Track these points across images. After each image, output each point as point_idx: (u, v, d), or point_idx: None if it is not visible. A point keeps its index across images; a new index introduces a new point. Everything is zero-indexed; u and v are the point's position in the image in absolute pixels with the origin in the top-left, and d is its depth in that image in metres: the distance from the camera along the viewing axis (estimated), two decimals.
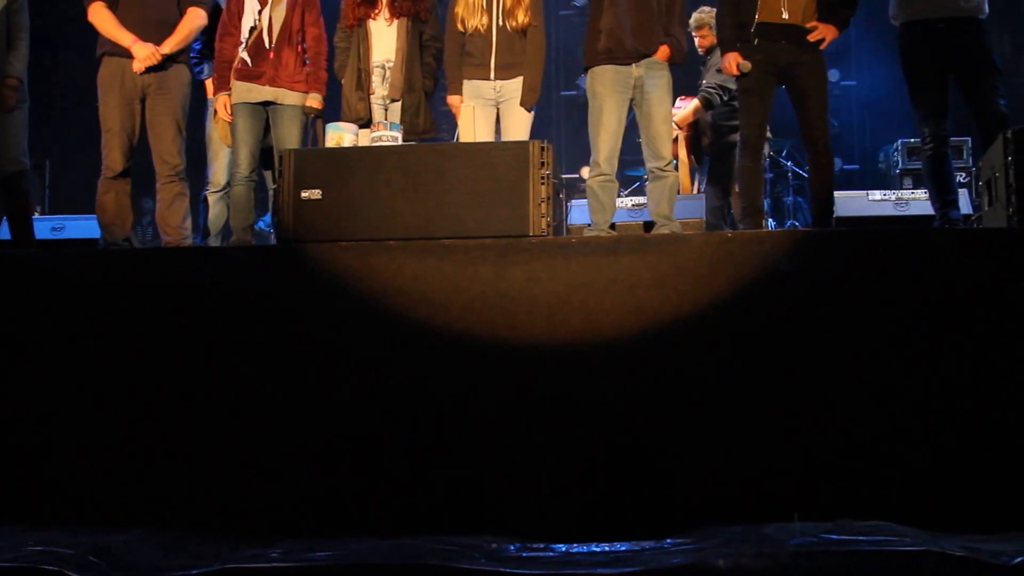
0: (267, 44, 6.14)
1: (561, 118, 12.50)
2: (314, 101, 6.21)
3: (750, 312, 4.30)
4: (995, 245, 4.34)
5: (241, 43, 6.16)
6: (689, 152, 7.81)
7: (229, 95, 6.19)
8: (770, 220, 8.95)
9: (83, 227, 7.68)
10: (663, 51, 5.91)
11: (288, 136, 6.12)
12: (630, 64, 5.89)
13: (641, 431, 4.27)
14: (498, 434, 4.31)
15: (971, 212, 7.34)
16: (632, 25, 5.88)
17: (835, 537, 3.60)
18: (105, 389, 4.56)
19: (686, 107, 7.66)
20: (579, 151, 9.79)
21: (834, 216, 6.15)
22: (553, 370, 4.34)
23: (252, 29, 6.15)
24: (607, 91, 5.90)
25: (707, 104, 7.50)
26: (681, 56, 6.04)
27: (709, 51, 7.68)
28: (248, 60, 6.13)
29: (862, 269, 4.31)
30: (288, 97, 6.16)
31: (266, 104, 6.16)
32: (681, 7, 6.11)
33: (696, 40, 7.72)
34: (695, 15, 7.66)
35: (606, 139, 5.88)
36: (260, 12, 6.15)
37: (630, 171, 9.64)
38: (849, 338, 4.24)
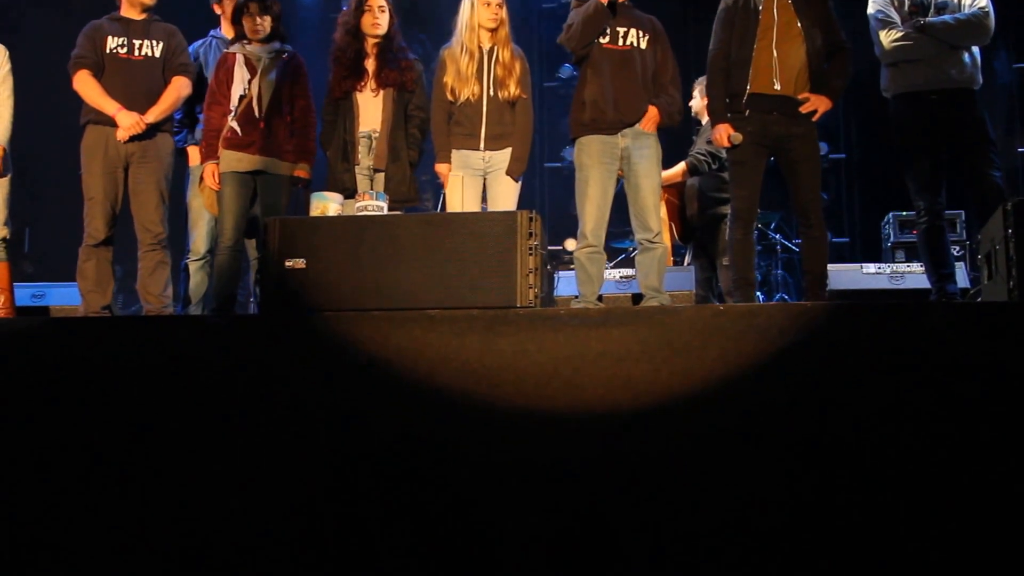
0: (257, 113, 6.10)
1: (545, 190, 12.50)
2: (302, 171, 6.17)
3: (742, 386, 4.21)
4: (996, 319, 4.26)
5: (230, 112, 6.12)
6: (671, 218, 7.70)
7: (217, 164, 6.12)
8: (759, 294, 8.88)
9: (64, 294, 7.59)
10: (652, 114, 5.89)
11: (276, 205, 6.06)
12: (616, 134, 5.86)
13: (629, 507, 4.16)
14: (482, 507, 4.20)
15: (968, 286, 7.27)
16: (616, 95, 5.86)
17: None
18: (80, 457, 4.43)
19: (672, 169, 7.57)
20: (564, 223, 9.76)
21: (827, 289, 6.08)
22: (540, 444, 4.24)
23: (242, 98, 6.11)
24: (593, 162, 5.86)
25: (693, 170, 7.43)
26: (674, 116, 6.00)
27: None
28: (237, 129, 6.09)
29: (858, 343, 4.21)
30: (277, 166, 6.11)
31: (254, 173, 6.10)
32: (673, 67, 6.08)
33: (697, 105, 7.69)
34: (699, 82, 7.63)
35: (592, 210, 5.83)
36: (250, 82, 6.13)
37: (615, 243, 9.59)
38: (844, 414, 4.14)
